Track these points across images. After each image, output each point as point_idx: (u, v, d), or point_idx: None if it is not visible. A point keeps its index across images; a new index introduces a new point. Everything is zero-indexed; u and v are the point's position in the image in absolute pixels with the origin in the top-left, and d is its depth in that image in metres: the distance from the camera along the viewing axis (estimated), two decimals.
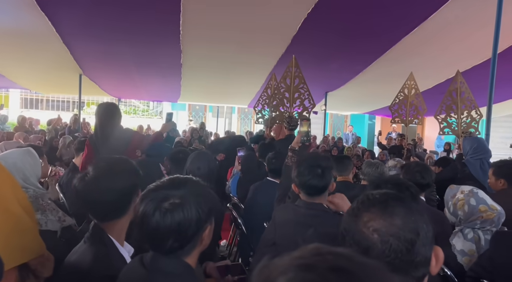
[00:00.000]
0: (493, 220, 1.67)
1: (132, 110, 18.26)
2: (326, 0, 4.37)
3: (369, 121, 16.19)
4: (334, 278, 0.34)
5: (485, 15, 4.37)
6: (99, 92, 10.22)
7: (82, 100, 9.36)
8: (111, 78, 9.10)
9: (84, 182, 1.23)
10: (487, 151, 3.37)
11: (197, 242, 0.99)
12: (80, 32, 5.83)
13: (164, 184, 1.00)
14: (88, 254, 1.17)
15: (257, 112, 5.41)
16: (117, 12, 4.98)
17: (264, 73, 7.37)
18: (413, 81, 5.60)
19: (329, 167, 1.64)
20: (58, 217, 2.15)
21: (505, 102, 8.42)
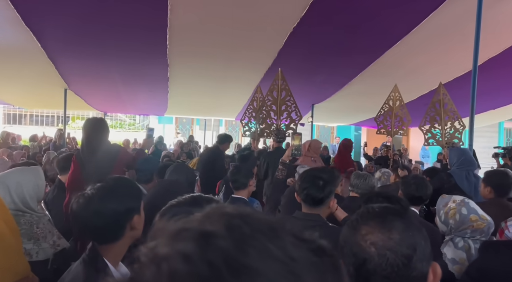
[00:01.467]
0: (483, 229, 1.70)
1: (118, 124, 18.09)
2: (311, 14, 4.45)
3: (355, 133, 16.37)
4: (194, 246, 0.31)
5: (465, 28, 4.51)
6: (84, 106, 10.11)
7: (67, 115, 9.24)
8: (97, 92, 9.02)
9: (77, 203, 1.21)
10: (473, 163, 3.44)
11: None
12: (65, 47, 5.79)
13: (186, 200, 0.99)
14: (80, 278, 1.15)
15: (244, 125, 5.42)
16: (103, 26, 4.97)
17: (251, 86, 7.42)
18: (397, 93, 5.72)
19: (331, 181, 1.68)
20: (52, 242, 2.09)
21: (487, 112, 8.64)
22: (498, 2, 4.24)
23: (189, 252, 0.30)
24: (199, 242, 0.31)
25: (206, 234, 0.31)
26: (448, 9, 4.34)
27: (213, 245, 0.31)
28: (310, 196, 1.65)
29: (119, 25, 4.94)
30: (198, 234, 0.32)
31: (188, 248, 0.30)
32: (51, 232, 2.13)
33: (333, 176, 1.72)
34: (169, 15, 4.54)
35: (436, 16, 4.46)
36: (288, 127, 4.75)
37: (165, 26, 4.80)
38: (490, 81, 6.20)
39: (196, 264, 0.29)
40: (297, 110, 4.74)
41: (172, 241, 0.31)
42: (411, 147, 14.58)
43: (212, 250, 0.30)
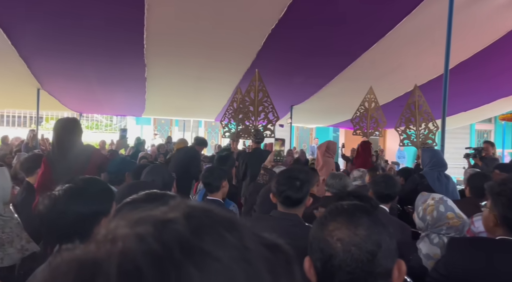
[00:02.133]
0: (458, 227, 1.76)
1: (95, 125, 17.70)
2: (289, 17, 4.49)
3: (334, 134, 16.59)
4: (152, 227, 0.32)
5: (437, 33, 4.65)
6: (59, 107, 9.84)
7: (40, 115, 8.97)
8: (72, 92, 8.79)
9: (43, 204, 1.17)
10: (444, 164, 3.55)
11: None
12: (38, 45, 5.62)
13: (140, 197, 0.96)
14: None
15: (224, 126, 5.41)
16: (78, 25, 4.86)
17: (230, 86, 7.41)
18: (372, 95, 5.84)
19: (308, 181, 1.70)
20: (20, 246, 2.01)
21: (458, 114, 8.92)
22: (468, 8, 4.39)
23: (144, 233, 0.31)
24: (157, 225, 0.32)
25: (165, 220, 0.33)
26: (420, 14, 4.46)
27: (169, 228, 0.32)
28: (288, 197, 1.66)
29: (94, 24, 4.84)
30: (157, 219, 0.33)
31: (144, 230, 0.31)
32: (19, 236, 2.05)
33: (309, 176, 1.74)
34: (146, 15, 4.49)
35: (409, 21, 4.58)
36: (266, 128, 4.77)
37: (142, 25, 4.74)
38: (461, 84, 6.41)
39: (149, 243, 0.30)
40: (274, 111, 4.76)
41: (131, 225, 0.33)
42: (388, 148, 14.88)
43: (167, 232, 0.31)
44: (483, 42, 5.36)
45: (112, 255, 0.30)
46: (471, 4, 4.34)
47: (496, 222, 1.34)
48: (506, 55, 5.79)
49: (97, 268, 0.29)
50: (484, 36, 5.25)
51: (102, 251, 0.30)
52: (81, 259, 0.30)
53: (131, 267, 0.29)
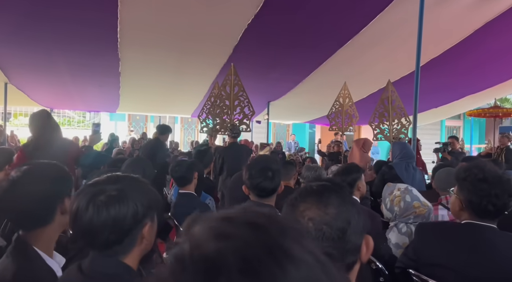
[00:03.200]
0: (425, 215, 1.84)
1: (67, 121, 17.19)
2: (265, 12, 4.50)
3: (310, 130, 16.79)
4: (248, 231, 0.36)
5: (409, 30, 4.77)
6: (28, 102, 9.49)
7: (8, 111, 8.64)
8: (42, 87, 8.50)
9: (1, 187, 1.15)
10: (413, 156, 3.69)
11: (136, 239, 0.95)
12: (6, 37, 5.40)
13: (101, 180, 0.96)
14: (10, 270, 1.07)
15: (202, 121, 5.37)
16: (48, 16, 4.70)
17: (207, 82, 7.36)
18: (347, 90, 5.94)
19: (279, 170, 1.74)
20: None
21: (429, 111, 9.21)
22: (438, 6, 4.53)
23: (247, 237, 0.35)
24: (251, 227, 0.37)
25: (257, 224, 0.37)
26: (392, 12, 4.57)
27: (263, 231, 0.36)
28: (264, 189, 1.68)
29: (65, 15, 4.69)
30: (249, 222, 0.37)
31: (241, 233, 0.36)
32: None
33: (279, 165, 1.78)
34: (119, 7, 4.39)
35: (382, 19, 4.68)
36: (241, 123, 4.78)
37: (115, 18, 4.63)
38: (432, 81, 6.61)
39: (255, 245, 0.34)
40: (250, 105, 4.77)
41: (225, 226, 0.37)
42: None
43: (264, 235, 0.36)
44: (452, 40, 5.54)
45: (228, 253, 0.33)
46: (441, 2, 4.48)
47: (461, 207, 1.40)
48: (473, 53, 6.02)
49: (219, 264, 0.33)
50: (453, 34, 5.43)
51: (212, 248, 0.34)
52: (203, 256, 0.34)
53: (247, 264, 0.32)
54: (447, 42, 5.62)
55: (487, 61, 6.45)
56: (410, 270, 1.47)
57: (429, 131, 14.26)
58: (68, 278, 0.95)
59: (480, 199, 1.34)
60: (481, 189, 1.33)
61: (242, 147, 4.82)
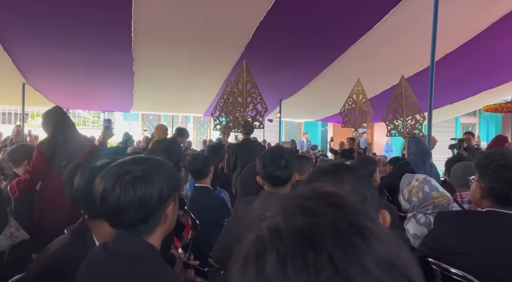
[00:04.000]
0: (444, 205, 1.81)
1: (82, 121, 17.47)
2: (278, 9, 4.50)
3: (322, 128, 16.71)
4: (331, 209, 0.39)
5: (423, 25, 4.71)
6: (44, 102, 9.66)
7: (25, 111, 8.81)
8: (58, 87, 8.66)
9: (83, 175, 1.23)
10: (429, 152, 3.67)
11: (160, 218, 0.98)
12: (23, 38, 5.51)
13: (126, 160, 0.99)
14: (66, 250, 1.15)
15: (215, 119, 5.40)
16: (64, 17, 4.79)
17: (219, 80, 7.40)
18: (360, 87, 5.89)
19: (292, 159, 1.74)
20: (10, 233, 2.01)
21: (445, 107, 9.07)
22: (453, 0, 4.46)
23: (333, 214, 0.39)
24: (333, 206, 0.40)
25: (336, 205, 0.40)
26: (407, 6, 4.52)
27: (345, 210, 0.40)
28: (278, 177, 1.69)
29: (80, 16, 4.77)
30: (330, 204, 0.41)
31: (328, 211, 0.39)
32: (9, 224, 2.05)
33: (291, 154, 1.79)
34: (133, 7, 4.45)
35: (396, 13, 4.63)
36: (254, 119, 4.79)
37: (129, 17, 4.69)
38: (447, 77, 6.52)
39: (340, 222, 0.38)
40: (263, 102, 4.78)
41: (310, 203, 0.40)
42: (375, 141, 15.06)
43: (346, 213, 0.39)
44: (468, 34, 5.46)
45: (320, 227, 0.37)
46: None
47: (482, 194, 1.38)
48: (489, 47, 5.91)
49: (314, 236, 0.36)
50: (469, 28, 5.35)
51: (305, 222, 0.38)
52: (298, 229, 0.37)
53: (339, 237, 0.36)
54: (462, 36, 5.54)
55: (503, 56, 6.33)
56: (430, 259, 1.46)
57: (444, 129, 14.05)
58: (95, 256, 0.98)
59: (502, 186, 1.32)
60: (503, 175, 1.31)
61: (255, 143, 4.83)
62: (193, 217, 2.45)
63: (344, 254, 0.35)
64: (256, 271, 0.36)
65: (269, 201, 0.42)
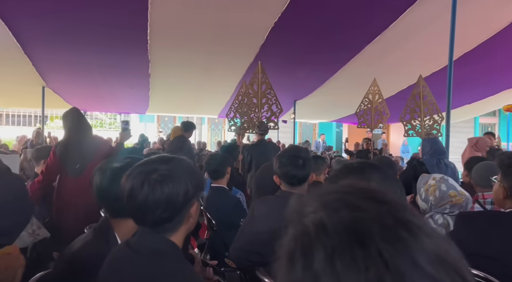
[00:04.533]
0: (462, 204, 1.77)
1: (98, 123, 17.77)
2: (291, 10, 4.49)
3: (337, 129, 16.58)
4: (375, 204, 0.39)
5: (441, 24, 4.64)
6: (63, 105, 9.86)
7: (45, 114, 9.02)
8: (77, 90, 8.84)
9: (102, 175, 1.26)
10: (444, 152, 3.56)
11: (185, 217, 0.99)
12: (43, 42, 5.65)
13: (152, 159, 1.00)
14: (89, 247, 1.18)
15: (230, 120, 5.42)
16: (82, 21, 4.89)
17: (234, 82, 7.43)
18: (376, 87, 5.83)
19: (309, 158, 1.73)
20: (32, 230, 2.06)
21: (463, 107, 8.89)
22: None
23: (377, 209, 0.38)
24: (376, 201, 0.40)
25: (383, 200, 0.40)
26: (423, 5, 4.46)
27: (389, 205, 0.39)
28: (294, 176, 1.68)
29: (98, 19, 4.86)
30: (374, 198, 0.41)
31: (372, 206, 0.39)
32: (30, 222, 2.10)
33: (308, 153, 1.78)
34: (150, 9, 4.51)
35: (413, 12, 4.57)
36: (269, 120, 4.79)
37: (145, 20, 4.76)
38: (465, 76, 6.39)
39: (386, 217, 0.37)
40: (278, 103, 4.78)
41: (352, 198, 0.40)
42: (391, 142, 14.86)
43: (390, 208, 0.39)
44: (487, 33, 5.34)
45: (367, 222, 0.37)
46: None
47: (506, 195, 1.35)
48: (510, 45, 5.77)
49: (361, 231, 0.36)
50: (488, 27, 5.23)
51: (351, 217, 0.38)
52: (344, 224, 0.37)
53: (386, 232, 0.36)
54: (481, 35, 5.42)
55: None
56: None
57: (462, 129, 13.77)
58: (117, 253, 1.00)
59: None
60: None
61: (270, 144, 4.83)
62: (209, 217, 2.46)
63: (393, 248, 0.34)
64: (303, 267, 0.36)
65: (305, 197, 0.42)
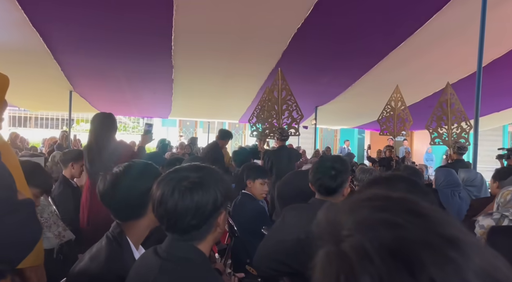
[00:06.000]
0: None
1: (122, 127, 18.17)
2: (315, 15, 4.48)
3: (359, 136, 16.35)
4: (412, 219, 0.36)
5: (469, 30, 4.52)
6: (89, 109, 10.17)
7: (72, 117, 9.30)
8: (102, 94, 9.08)
9: (105, 180, 1.27)
10: (458, 184, 3.36)
11: (213, 226, 1.00)
12: (72, 48, 5.84)
13: (183, 167, 1.02)
14: (103, 252, 1.19)
15: (252, 125, 5.44)
16: (109, 27, 5.03)
17: (255, 88, 7.46)
18: (399, 94, 5.73)
19: (344, 170, 1.68)
20: (58, 232, 2.12)
21: (491, 115, 8.62)
22: (502, 3, 4.26)
23: (420, 226, 0.36)
24: (416, 216, 0.37)
25: (413, 208, 0.38)
26: (451, 10, 4.35)
27: (429, 220, 0.37)
28: (323, 185, 1.67)
29: (124, 26, 4.98)
30: (407, 207, 0.38)
31: (412, 221, 0.36)
32: (56, 223, 2.16)
33: (346, 165, 1.73)
34: (175, 16, 4.59)
35: (440, 17, 4.47)
36: (290, 127, 4.78)
37: (170, 27, 4.85)
38: (494, 83, 6.20)
39: (430, 235, 0.35)
40: (298, 109, 4.77)
41: (389, 213, 0.38)
42: (415, 150, 14.54)
43: (432, 224, 0.37)
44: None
45: (411, 242, 0.35)
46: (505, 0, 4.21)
47: None
48: None
49: (407, 253, 0.34)
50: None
51: (392, 237, 0.35)
52: (386, 246, 0.35)
53: (434, 253, 0.34)
54: (511, 41, 5.26)
55: None
56: None
57: (490, 138, 13.34)
58: (145, 260, 1.01)
59: None
60: None
61: (291, 150, 4.81)
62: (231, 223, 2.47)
63: (444, 273, 0.32)
64: None
65: (335, 211, 0.40)
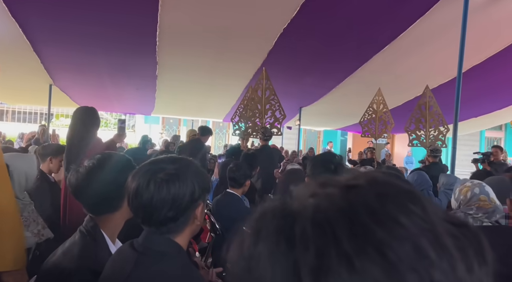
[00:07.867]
0: (488, 210, 1.75)
1: (104, 123, 17.85)
2: (301, 17, 4.50)
3: (341, 137, 16.53)
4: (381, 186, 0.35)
5: (450, 36, 4.63)
6: (69, 103, 9.94)
7: (51, 112, 9.07)
8: (83, 89, 8.89)
9: (77, 174, 1.23)
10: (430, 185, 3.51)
11: (190, 218, 0.98)
12: (52, 39, 5.70)
13: (159, 159, 1.00)
14: (76, 246, 1.15)
15: (234, 124, 5.43)
16: (91, 20, 4.92)
17: (240, 86, 7.44)
18: (381, 96, 5.82)
19: (342, 165, 1.72)
20: (37, 231, 2.06)
21: (469, 120, 8.84)
22: (483, 10, 4.37)
23: (333, 194, 0.35)
24: (343, 189, 0.35)
25: (350, 185, 0.36)
26: (433, 16, 4.44)
27: (355, 192, 0.35)
28: None
29: (107, 20, 4.90)
30: (343, 184, 0.36)
31: (333, 191, 0.35)
32: (36, 221, 2.09)
33: (341, 161, 1.76)
34: (160, 11, 4.53)
35: (422, 23, 4.56)
36: (272, 126, 4.79)
37: (155, 22, 4.79)
38: (473, 89, 6.35)
39: (338, 202, 0.33)
40: (281, 109, 4.78)
41: (321, 186, 0.36)
42: (395, 153, 14.80)
43: (353, 195, 0.34)
44: (498, 46, 5.32)
45: (307, 208, 0.34)
46: (486, 6, 4.32)
47: None
48: None
49: (295, 218, 0.33)
50: (498, 40, 5.21)
51: (299, 204, 0.35)
52: (283, 209, 0.35)
53: (323, 220, 0.32)
54: (492, 47, 5.40)
55: None
56: None
57: (467, 142, 13.70)
58: (121, 254, 0.98)
59: None
60: None
61: (274, 150, 4.82)
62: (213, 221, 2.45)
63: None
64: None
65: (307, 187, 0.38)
